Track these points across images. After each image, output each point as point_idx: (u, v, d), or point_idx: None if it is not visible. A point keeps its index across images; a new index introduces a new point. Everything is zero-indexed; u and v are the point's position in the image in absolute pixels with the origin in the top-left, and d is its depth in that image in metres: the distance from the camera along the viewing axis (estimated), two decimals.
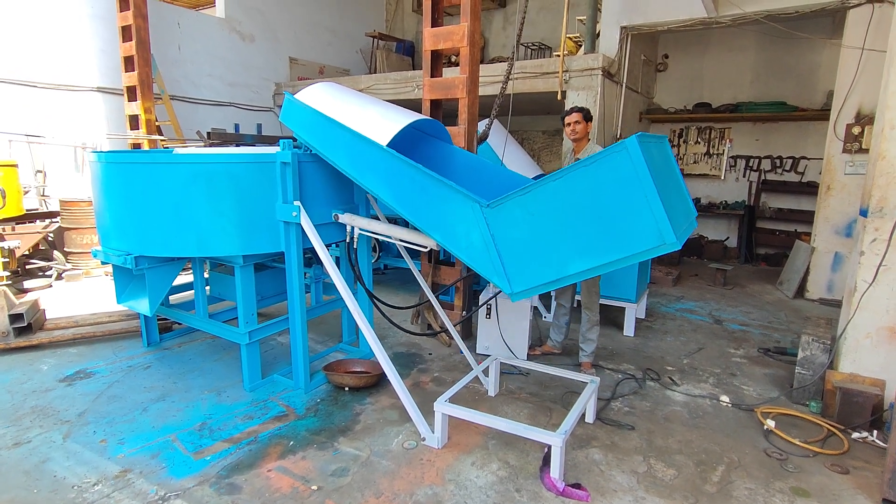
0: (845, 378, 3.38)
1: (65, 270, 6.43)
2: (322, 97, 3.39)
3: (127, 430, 3.17)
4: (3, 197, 4.80)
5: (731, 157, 9.22)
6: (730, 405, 3.60)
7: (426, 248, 3.19)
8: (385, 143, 3.03)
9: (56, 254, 6.55)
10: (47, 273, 6.39)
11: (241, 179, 3.30)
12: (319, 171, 3.53)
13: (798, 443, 3.09)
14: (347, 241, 3.58)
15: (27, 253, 6.29)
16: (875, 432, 3.13)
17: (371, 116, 3.24)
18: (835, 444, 3.10)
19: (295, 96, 3.42)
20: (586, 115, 3.86)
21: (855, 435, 3.16)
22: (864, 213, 3.37)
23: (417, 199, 2.85)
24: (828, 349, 3.49)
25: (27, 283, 5.96)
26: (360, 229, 3.53)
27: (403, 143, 3.43)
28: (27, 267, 6.32)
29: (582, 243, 2.28)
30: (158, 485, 2.66)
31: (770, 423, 3.26)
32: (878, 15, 5.64)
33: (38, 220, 6.54)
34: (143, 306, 3.60)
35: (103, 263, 4.94)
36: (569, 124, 3.90)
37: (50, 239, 6.71)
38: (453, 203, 2.67)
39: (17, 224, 6.09)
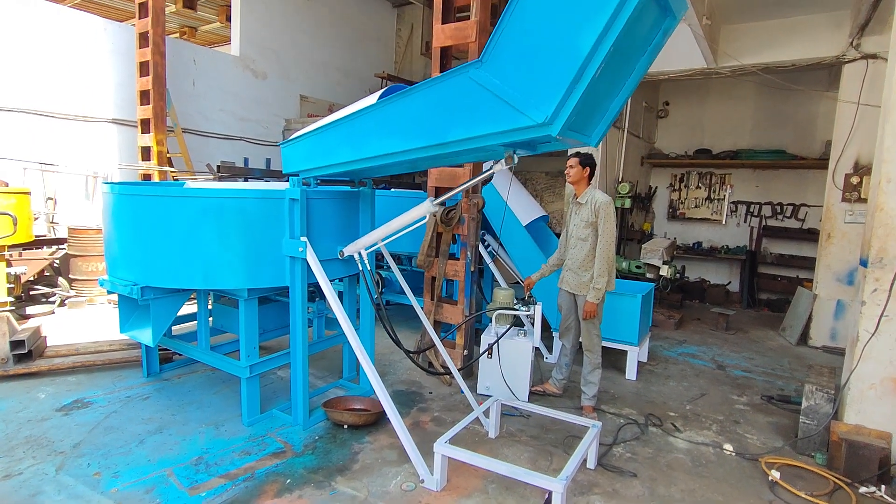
0: (851, 430, 3.34)
1: (68, 297, 6.45)
2: (306, 128, 3.48)
3: (122, 462, 3.13)
4: (15, 223, 4.86)
5: (732, 202, 9.33)
6: (733, 454, 3.54)
7: (425, 217, 3.22)
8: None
9: (60, 280, 6.58)
10: (51, 299, 6.41)
11: (249, 214, 3.36)
12: (326, 209, 3.60)
13: (804, 496, 3.03)
14: (360, 268, 3.61)
15: (32, 279, 6.32)
16: (883, 487, 3.07)
17: (351, 108, 3.26)
18: (842, 499, 3.04)
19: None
20: (582, 161, 3.97)
21: (862, 489, 3.10)
22: (864, 263, 3.41)
23: (421, 119, 2.73)
24: (832, 399, 3.46)
25: (30, 309, 5.97)
26: (365, 248, 3.57)
27: None
28: (31, 293, 6.34)
29: (580, 10, 2.07)
30: None
31: (775, 475, 3.20)
32: (872, 70, 5.83)
33: (44, 247, 6.61)
34: (145, 336, 3.60)
35: (110, 293, 4.98)
36: (567, 167, 4.02)
37: (55, 265, 6.75)
38: (452, 90, 2.53)
39: (23, 250, 6.16)
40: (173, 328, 4.46)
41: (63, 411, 3.75)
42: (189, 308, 4.64)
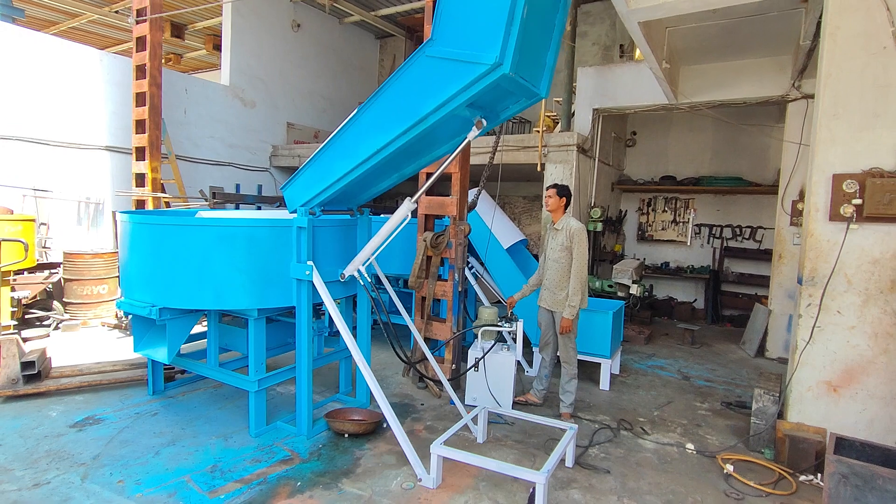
0: (793, 427, 3.82)
1: (62, 321, 6.61)
2: (299, 169, 3.87)
3: (142, 471, 3.39)
4: (26, 249, 5.09)
5: (696, 225, 9.99)
6: (694, 452, 3.98)
7: (407, 217, 3.68)
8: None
9: (55, 304, 6.74)
10: (45, 323, 6.55)
11: (260, 241, 3.72)
12: (329, 236, 3.98)
13: (753, 485, 3.48)
14: (362, 283, 4.00)
15: (27, 303, 6.47)
16: (819, 475, 3.53)
17: (334, 133, 3.67)
18: (784, 486, 3.50)
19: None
20: (559, 191, 4.48)
21: (802, 478, 3.56)
22: (800, 281, 3.93)
23: (398, 106, 3.21)
24: (777, 401, 3.94)
25: (25, 333, 6.11)
26: (362, 263, 3.95)
27: None
28: (26, 317, 6.48)
29: None
30: None
31: (729, 468, 3.64)
32: (811, 109, 6.52)
33: (36, 272, 6.77)
34: (161, 354, 3.89)
35: (126, 314, 5.22)
36: (545, 196, 4.52)
37: (48, 290, 6.91)
38: (415, 72, 3.08)
39: (16, 275, 6.32)
40: (182, 347, 4.73)
41: (77, 427, 3.98)
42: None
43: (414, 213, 4.72)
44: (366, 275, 4.02)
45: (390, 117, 3.26)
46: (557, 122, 8.57)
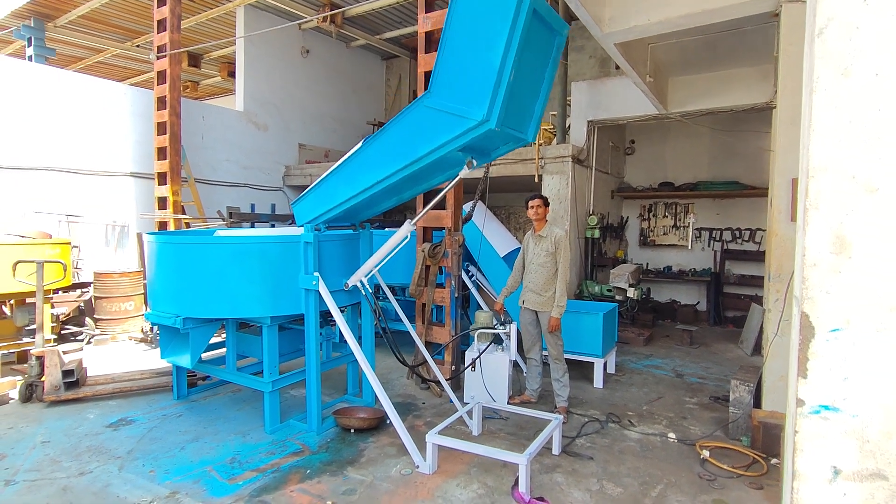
0: (767, 415, 4.08)
1: (94, 335, 7.12)
2: (309, 187, 4.28)
3: (170, 463, 3.80)
4: (65, 270, 5.61)
5: (696, 229, 10.22)
6: (676, 440, 4.26)
7: (407, 237, 4.03)
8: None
9: (87, 320, 7.26)
10: (79, 338, 7.08)
11: (271, 255, 4.15)
12: (334, 249, 4.39)
13: (726, 467, 3.75)
14: (363, 294, 4.39)
15: (63, 320, 7.00)
16: None
17: (340, 162, 4.04)
18: (756, 469, 3.76)
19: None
20: (546, 201, 4.82)
21: (774, 461, 3.83)
22: (769, 278, 4.22)
23: (396, 146, 3.56)
24: (751, 391, 4.21)
25: (62, 347, 6.61)
26: (365, 275, 4.34)
27: None
28: (61, 332, 7.01)
29: (486, 38, 3.03)
30: (202, 502, 3.28)
31: (705, 453, 3.92)
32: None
33: (70, 291, 7.31)
34: (185, 360, 4.32)
35: (153, 325, 5.68)
36: (532, 207, 4.84)
37: (81, 307, 7.45)
38: (414, 118, 3.43)
39: (53, 293, 6.85)
40: (203, 356, 5.16)
41: (112, 427, 4.42)
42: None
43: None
44: (367, 285, 4.41)
45: (390, 155, 3.64)
46: (555, 135, 8.93)
